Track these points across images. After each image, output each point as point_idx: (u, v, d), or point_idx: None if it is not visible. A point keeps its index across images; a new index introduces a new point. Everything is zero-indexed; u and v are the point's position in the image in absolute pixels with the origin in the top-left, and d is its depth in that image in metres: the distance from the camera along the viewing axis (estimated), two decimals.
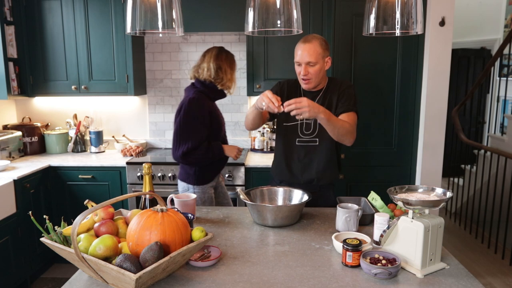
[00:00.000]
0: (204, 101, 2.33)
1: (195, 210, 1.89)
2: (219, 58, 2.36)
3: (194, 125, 2.29)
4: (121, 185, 3.18)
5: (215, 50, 2.39)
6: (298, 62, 2.03)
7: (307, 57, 1.99)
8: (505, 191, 3.62)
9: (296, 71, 2.07)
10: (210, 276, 1.36)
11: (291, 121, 2.12)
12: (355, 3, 3.07)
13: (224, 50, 2.42)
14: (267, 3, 1.55)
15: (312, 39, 2.00)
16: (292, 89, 2.17)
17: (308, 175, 2.13)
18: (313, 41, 2.00)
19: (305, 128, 2.13)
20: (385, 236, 1.45)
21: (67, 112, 3.74)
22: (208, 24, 3.16)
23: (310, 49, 1.99)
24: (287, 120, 2.13)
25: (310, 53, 1.99)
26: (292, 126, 2.14)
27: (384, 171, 3.29)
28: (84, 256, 1.21)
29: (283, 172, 2.18)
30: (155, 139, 3.77)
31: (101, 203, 1.27)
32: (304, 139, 2.13)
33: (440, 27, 3.08)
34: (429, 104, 3.16)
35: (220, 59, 2.36)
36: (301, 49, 2.00)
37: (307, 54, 1.99)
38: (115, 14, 3.24)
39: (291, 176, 2.16)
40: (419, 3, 1.66)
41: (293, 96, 2.09)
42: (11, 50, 3.27)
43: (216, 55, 2.37)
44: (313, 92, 2.12)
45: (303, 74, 2.02)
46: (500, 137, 4.26)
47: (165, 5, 1.56)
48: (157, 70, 3.68)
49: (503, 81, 5.28)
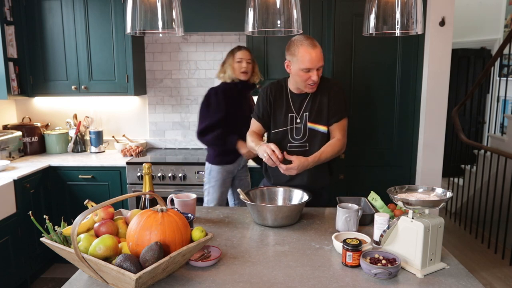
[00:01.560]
0: (224, 92, 2.68)
1: (195, 210, 1.89)
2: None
3: (207, 110, 2.68)
4: (121, 185, 3.18)
5: None
6: (308, 68, 1.93)
7: (320, 62, 1.95)
8: (505, 191, 3.62)
9: (302, 77, 1.97)
10: (210, 276, 1.36)
11: (280, 127, 2.11)
12: (355, 3, 3.07)
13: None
14: (267, 3, 1.55)
15: (317, 44, 1.95)
16: (278, 93, 2.13)
17: (300, 180, 2.09)
18: (318, 45, 1.95)
19: (295, 133, 2.10)
20: (385, 236, 1.45)
21: (67, 112, 3.74)
22: (208, 24, 3.16)
23: (319, 53, 1.94)
24: (276, 127, 2.13)
25: (320, 57, 1.94)
26: (281, 131, 2.12)
27: (384, 171, 3.29)
28: (84, 256, 1.21)
29: (275, 176, 2.14)
30: (155, 139, 3.77)
31: (101, 203, 1.27)
32: (295, 144, 2.10)
33: (440, 27, 3.08)
34: (429, 104, 3.16)
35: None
36: (311, 54, 1.92)
37: (319, 59, 1.94)
38: (115, 14, 3.24)
39: (283, 180, 2.11)
40: (419, 3, 1.66)
41: (282, 99, 2.10)
42: (11, 50, 3.27)
43: None
44: (301, 94, 2.08)
45: (315, 80, 1.96)
46: (500, 137, 4.26)
47: (165, 5, 1.56)
48: (157, 70, 3.68)
49: (503, 81, 5.28)
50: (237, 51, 2.68)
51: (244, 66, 2.65)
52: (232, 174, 2.84)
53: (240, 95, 2.75)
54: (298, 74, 1.98)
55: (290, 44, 1.99)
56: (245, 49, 2.70)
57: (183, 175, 3.11)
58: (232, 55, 2.68)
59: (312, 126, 2.07)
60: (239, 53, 2.66)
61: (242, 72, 2.65)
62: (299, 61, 1.94)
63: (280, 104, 2.12)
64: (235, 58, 2.66)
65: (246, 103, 2.80)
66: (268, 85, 2.19)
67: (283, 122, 2.11)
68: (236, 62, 2.65)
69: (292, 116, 2.10)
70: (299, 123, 2.08)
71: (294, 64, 1.98)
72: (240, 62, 2.64)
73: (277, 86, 2.15)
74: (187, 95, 3.69)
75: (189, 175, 3.12)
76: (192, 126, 3.73)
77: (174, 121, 3.74)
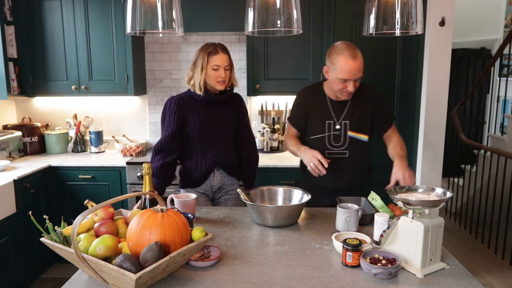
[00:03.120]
0: (181, 103, 2.15)
1: (195, 210, 1.89)
2: None
3: (162, 125, 2.21)
4: (121, 185, 3.18)
5: None
6: (346, 79, 1.92)
7: (359, 74, 1.94)
8: (505, 191, 3.62)
9: (338, 86, 1.97)
10: (210, 276, 1.36)
11: (317, 133, 2.10)
12: (355, 3, 3.07)
13: None
14: (267, 3, 1.55)
15: (358, 55, 1.93)
16: (314, 98, 2.12)
17: (339, 184, 2.12)
18: (359, 56, 1.93)
19: (334, 141, 2.10)
20: (385, 236, 1.45)
21: (67, 112, 3.74)
22: (208, 24, 3.16)
23: (358, 65, 1.92)
24: (313, 133, 2.12)
25: (359, 69, 1.93)
26: (319, 138, 2.11)
27: (384, 171, 3.28)
28: (84, 256, 1.21)
29: (314, 180, 2.10)
30: (155, 139, 3.77)
31: (101, 203, 1.27)
32: (334, 151, 2.10)
33: (440, 27, 3.08)
34: (429, 104, 3.16)
35: None
36: (350, 66, 1.90)
37: (358, 71, 1.92)
38: (115, 14, 3.24)
39: (327, 180, 2.09)
40: (419, 3, 1.66)
41: (318, 105, 2.09)
42: (11, 50, 3.27)
43: None
44: (340, 102, 2.08)
45: (351, 90, 1.96)
46: (500, 137, 4.26)
47: (165, 5, 1.56)
48: (157, 70, 3.68)
49: (503, 81, 5.28)
50: (213, 55, 2.07)
51: (222, 76, 2.08)
52: (207, 198, 2.29)
53: (209, 107, 2.17)
54: (334, 82, 1.98)
55: (331, 51, 1.97)
56: (223, 52, 2.09)
57: None
58: (206, 58, 2.07)
59: (353, 135, 2.09)
60: (215, 58, 2.07)
61: (218, 81, 2.09)
62: (338, 71, 1.93)
63: (317, 110, 2.11)
64: (209, 64, 2.07)
65: (220, 114, 2.20)
66: (304, 89, 2.18)
67: (321, 129, 2.10)
68: (211, 69, 2.07)
69: (330, 123, 2.09)
70: (338, 130, 2.08)
71: (333, 72, 1.97)
72: (217, 70, 2.07)
73: (313, 90, 2.15)
74: None
75: None
76: None
77: None
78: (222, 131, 2.20)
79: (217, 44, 2.11)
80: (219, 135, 2.19)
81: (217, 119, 2.18)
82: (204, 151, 2.18)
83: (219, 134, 2.19)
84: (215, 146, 2.18)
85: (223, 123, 2.20)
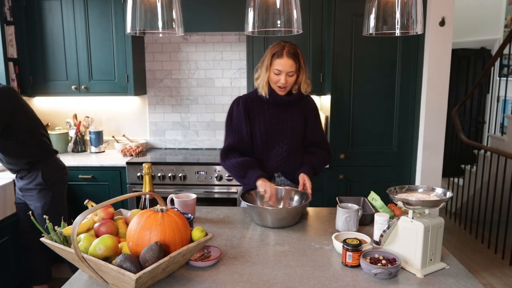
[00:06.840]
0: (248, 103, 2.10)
1: (195, 210, 1.89)
2: None
3: (230, 125, 2.13)
4: (121, 185, 3.18)
5: None
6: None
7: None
8: (505, 191, 3.62)
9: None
10: (210, 276, 1.36)
11: None
12: (355, 3, 3.07)
13: None
14: (267, 3, 1.55)
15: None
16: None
17: None
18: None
19: None
20: (385, 236, 1.45)
21: (67, 112, 3.74)
22: (208, 24, 3.16)
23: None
24: None
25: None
26: None
27: (384, 171, 3.29)
28: (84, 256, 1.21)
29: None
30: (155, 139, 3.77)
31: (101, 203, 1.27)
32: None
33: (440, 27, 3.07)
34: (429, 104, 3.16)
35: None
36: None
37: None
38: (115, 14, 3.24)
39: None
40: (419, 3, 1.66)
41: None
42: (11, 50, 3.27)
43: None
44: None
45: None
46: (500, 137, 4.27)
47: (165, 5, 1.56)
48: (157, 70, 3.68)
49: (503, 81, 5.28)
50: (277, 58, 1.96)
51: (282, 82, 1.97)
52: None
53: (275, 108, 2.09)
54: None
55: None
56: (288, 56, 1.95)
57: (183, 175, 3.11)
58: (270, 60, 1.99)
59: None
60: (278, 62, 1.95)
61: (278, 86, 2.01)
62: None
63: None
64: (272, 66, 1.98)
65: (286, 116, 2.10)
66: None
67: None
68: (273, 73, 1.99)
69: None
70: None
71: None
72: (278, 75, 1.98)
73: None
74: (187, 95, 3.69)
75: (189, 175, 3.12)
76: (192, 126, 3.73)
77: (174, 121, 3.74)
78: (286, 135, 2.09)
79: (285, 45, 1.98)
80: (283, 139, 2.08)
81: (283, 122, 2.08)
82: (267, 154, 2.10)
83: (283, 137, 2.08)
84: (278, 151, 2.09)
85: (289, 127, 2.09)
